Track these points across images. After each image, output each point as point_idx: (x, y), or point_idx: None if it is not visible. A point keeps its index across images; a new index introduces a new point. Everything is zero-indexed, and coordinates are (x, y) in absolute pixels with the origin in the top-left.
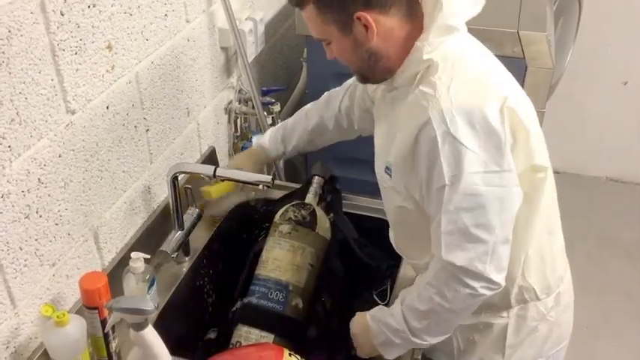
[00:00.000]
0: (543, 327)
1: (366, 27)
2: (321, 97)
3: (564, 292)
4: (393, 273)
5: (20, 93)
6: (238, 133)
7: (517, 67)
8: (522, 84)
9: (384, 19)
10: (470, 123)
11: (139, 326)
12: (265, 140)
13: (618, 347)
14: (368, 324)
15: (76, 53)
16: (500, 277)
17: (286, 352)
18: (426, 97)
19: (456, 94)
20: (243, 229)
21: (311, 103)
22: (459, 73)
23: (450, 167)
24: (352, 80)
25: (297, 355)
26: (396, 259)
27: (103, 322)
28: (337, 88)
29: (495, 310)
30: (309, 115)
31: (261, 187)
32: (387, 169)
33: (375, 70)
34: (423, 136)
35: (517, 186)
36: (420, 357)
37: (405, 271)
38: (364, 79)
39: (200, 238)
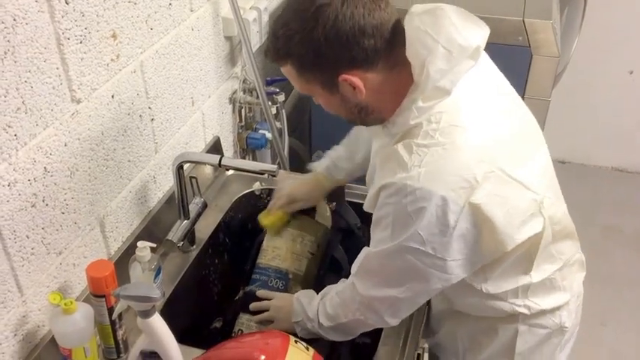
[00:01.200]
0: (557, 336)
1: (353, 86)
2: None
3: (577, 302)
4: None
5: (26, 82)
6: (243, 123)
7: (522, 55)
8: (527, 73)
9: (372, 76)
10: (427, 205)
11: (146, 314)
12: (322, 165)
13: (624, 335)
14: (292, 302)
15: (80, 42)
16: (393, 321)
17: (292, 339)
18: (399, 160)
19: (426, 174)
20: (248, 219)
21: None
22: (436, 150)
23: (393, 231)
24: None
25: (303, 342)
26: None
27: (110, 310)
28: None
29: (499, 319)
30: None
31: (266, 176)
32: None
33: (367, 120)
34: (383, 195)
35: (444, 272)
36: (421, 352)
37: None
38: (354, 124)
39: (205, 228)
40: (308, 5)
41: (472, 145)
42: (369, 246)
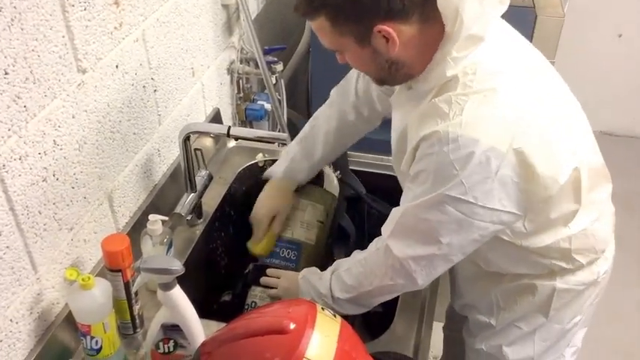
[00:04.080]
0: (591, 289)
1: (387, 38)
2: (329, 98)
3: (610, 254)
4: None
5: (33, 50)
6: (241, 95)
7: (526, 16)
8: (532, 34)
9: (406, 28)
10: (469, 153)
11: (167, 286)
12: (279, 170)
13: (619, 293)
14: (298, 282)
15: (85, 9)
16: (424, 284)
17: (319, 306)
18: (439, 112)
19: (468, 121)
20: (252, 191)
21: (318, 110)
22: (476, 97)
23: (434, 182)
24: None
25: (330, 310)
26: None
27: (126, 285)
28: (342, 81)
29: (537, 276)
30: (324, 116)
31: (277, 144)
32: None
33: (396, 77)
34: (424, 146)
35: (483, 221)
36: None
37: None
38: (381, 83)
39: (211, 201)
40: None
41: (512, 90)
42: (379, 212)
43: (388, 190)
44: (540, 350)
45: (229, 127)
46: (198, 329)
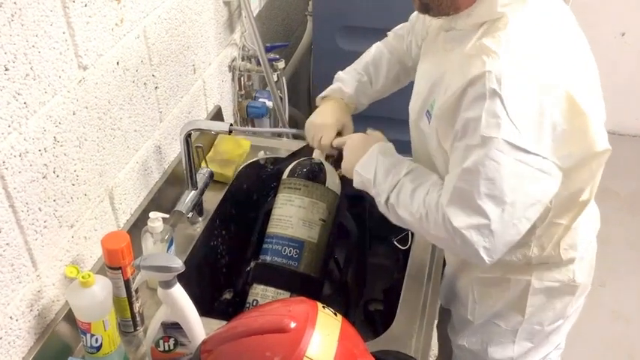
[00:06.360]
0: (568, 292)
1: None
2: (388, 35)
3: (589, 257)
4: None
5: (33, 46)
6: (243, 92)
7: None
8: None
9: None
10: (521, 93)
11: (168, 284)
12: (348, 89)
13: (624, 296)
14: (366, 151)
15: (85, 5)
16: (488, 259)
17: (320, 305)
18: (487, 51)
19: (520, 61)
20: (254, 189)
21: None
22: (526, 39)
23: (487, 127)
24: (415, 14)
25: (331, 309)
26: None
27: (126, 283)
28: (399, 28)
29: (512, 268)
30: (385, 49)
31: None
32: (428, 114)
33: (441, 3)
34: (473, 89)
35: (543, 172)
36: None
37: None
38: (425, 8)
39: (212, 199)
40: None
41: (566, 39)
42: (377, 210)
43: None
44: (521, 351)
45: (231, 125)
46: (199, 327)
